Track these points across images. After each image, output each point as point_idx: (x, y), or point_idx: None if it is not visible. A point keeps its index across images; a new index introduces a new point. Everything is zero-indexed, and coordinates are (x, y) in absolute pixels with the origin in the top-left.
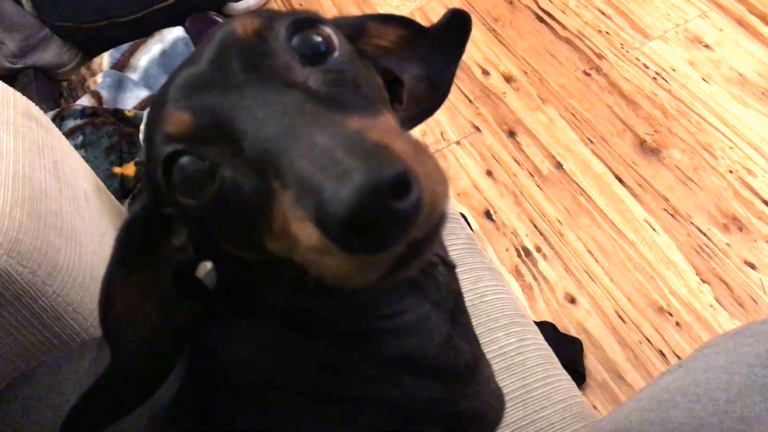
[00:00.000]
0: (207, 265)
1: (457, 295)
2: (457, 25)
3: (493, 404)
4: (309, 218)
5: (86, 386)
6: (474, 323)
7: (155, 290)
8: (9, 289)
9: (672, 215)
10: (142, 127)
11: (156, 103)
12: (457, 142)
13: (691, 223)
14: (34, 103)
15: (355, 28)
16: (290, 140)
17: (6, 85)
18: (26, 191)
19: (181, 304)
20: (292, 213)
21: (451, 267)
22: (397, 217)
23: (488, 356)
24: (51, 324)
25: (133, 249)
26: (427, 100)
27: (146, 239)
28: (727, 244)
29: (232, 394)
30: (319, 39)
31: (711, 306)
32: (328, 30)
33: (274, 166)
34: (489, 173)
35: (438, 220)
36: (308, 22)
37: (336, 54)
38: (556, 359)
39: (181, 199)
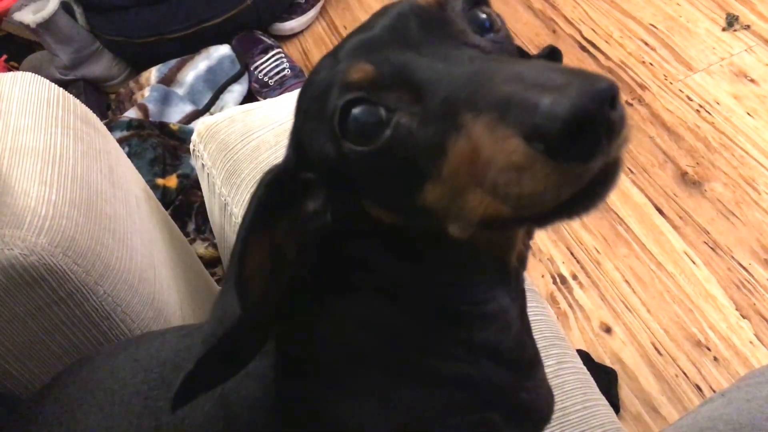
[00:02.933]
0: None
1: (524, 295)
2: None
3: (548, 401)
4: (516, 133)
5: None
6: None
7: (278, 251)
8: (63, 287)
9: (713, 248)
10: (193, 137)
11: (320, 69)
12: None
13: (732, 257)
14: (90, 111)
15: None
16: (488, 76)
17: (67, 92)
18: (83, 193)
19: (293, 269)
20: (492, 135)
21: (523, 265)
22: (610, 125)
23: None
24: (100, 323)
25: (270, 208)
26: None
27: (284, 200)
28: None
29: (324, 368)
30: (488, 17)
31: (750, 342)
32: (495, 13)
33: (468, 99)
34: None
35: (627, 141)
36: (482, 1)
37: (500, 32)
38: (594, 384)
39: (349, 146)
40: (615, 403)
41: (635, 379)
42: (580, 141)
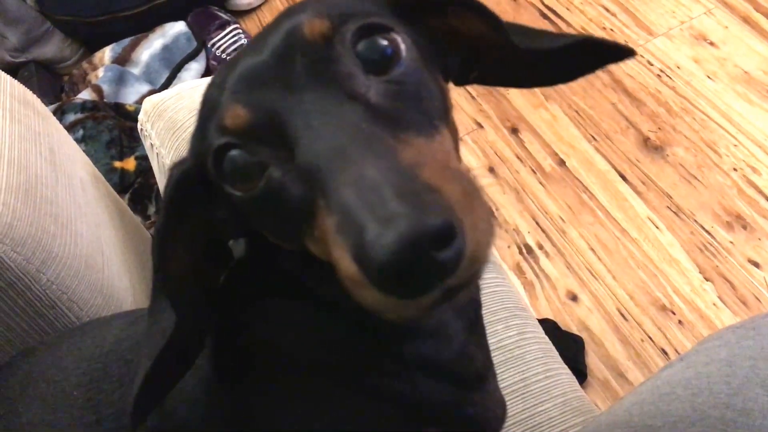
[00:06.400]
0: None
1: (478, 306)
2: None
3: (497, 413)
4: (348, 252)
5: (146, 353)
6: None
7: (191, 249)
8: (2, 277)
9: (675, 213)
10: (140, 116)
11: (216, 84)
12: (459, 139)
13: (695, 221)
14: (31, 92)
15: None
16: (341, 162)
17: (2, 72)
18: (21, 177)
19: (209, 269)
20: (334, 239)
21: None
22: (437, 267)
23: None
24: (45, 312)
25: (180, 206)
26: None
27: (192, 200)
28: (731, 243)
29: (259, 375)
30: (387, 45)
31: (714, 304)
32: (397, 38)
33: (322, 185)
34: (491, 170)
35: (479, 267)
36: (378, 27)
37: (402, 62)
38: (556, 353)
39: (227, 187)
40: (582, 371)
41: (602, 345)
42: (403, 279)
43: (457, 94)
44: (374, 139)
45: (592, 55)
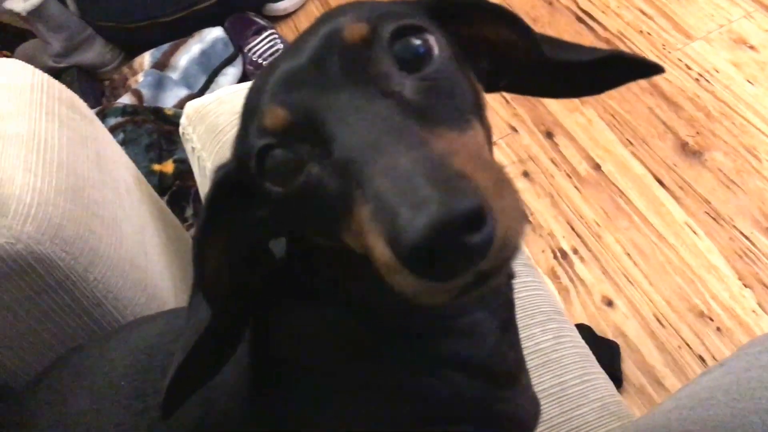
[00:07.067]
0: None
1: (511, 306)
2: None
3: (530, 411)
4: (382, 238)
5: (180, 349)
6: None
7: (229, 249)
8: (51, 275)
9: (714, 219)
10: (182, 120)
11: (256, 89)
12: (494, 143)
13: (734, 226)
14: (77, 96)
15: (464, 9)
16: (375, 154)
17: (51, 78)
18: (70, 180)
19: (247, 270)
20: (369, 227)
21: (510, 277)
22: (467, 251)
23: (524, 352)
24: (91, 310)
25: (221, 208)
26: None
27: (232, 202)
28: None
29: (293, 375)
30: (420, 45)
31: (753, 311)
32: (431, 38)
33: (358, 176)
34: (526, 174)
35: (510, 254)
36: (413, 28)
37: (435, 62)
38: (593, 358)
39: (269, 185)
40: (618, 377)
41: (638, 351)
42: (435, 262)
43: (491, 98)
44: (407, 131)
45: (621, 69)
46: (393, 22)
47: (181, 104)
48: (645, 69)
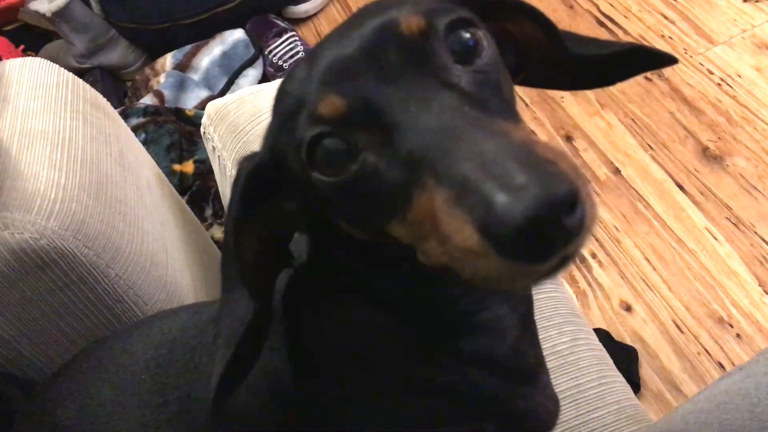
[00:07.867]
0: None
1: (530, 302)
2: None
3: (549, 408)
4: (471, 222)
5: (217, 344)
6: None
7: (259, 240)
8: (74, 270)
9: (735, 224)
10: (203, 120)
11: (299, 79)
12: None
13: (755, 232)
14: (101, 95)
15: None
16: (452, 141)
17: (76, 76)
18: (93, 177)
19: (271, 263)
20: (450, 213)
21: None
22: (564, 233)
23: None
24: (113, 306)
25: (252, 198)
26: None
27: (262, 194)
28: None
29: (317, 371)
30: (471, 38)
31: None
32: (479, 32)
33: (431, 163)
34: None
35: (588, 237)
36: (465, 22)
37: (484, 55)
38: (610, 361)
39: (317, 175)
40: (635, 382)
41: (656, 357)
42: (532, 245)
43: None
44: (483, 120)
45: (634, 61)
46: (446, 15)
47: (202, 105)
48: (659, 60)
